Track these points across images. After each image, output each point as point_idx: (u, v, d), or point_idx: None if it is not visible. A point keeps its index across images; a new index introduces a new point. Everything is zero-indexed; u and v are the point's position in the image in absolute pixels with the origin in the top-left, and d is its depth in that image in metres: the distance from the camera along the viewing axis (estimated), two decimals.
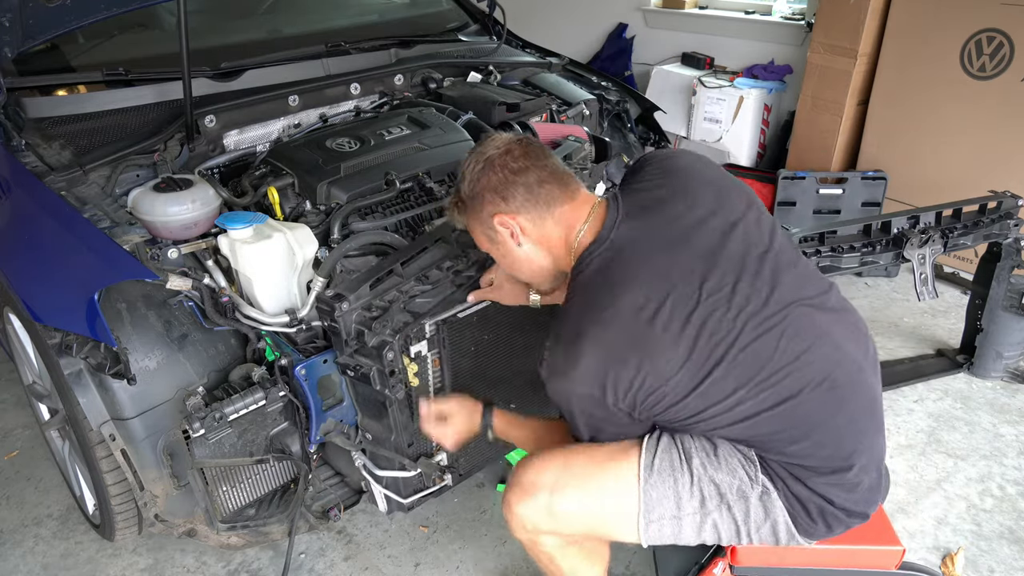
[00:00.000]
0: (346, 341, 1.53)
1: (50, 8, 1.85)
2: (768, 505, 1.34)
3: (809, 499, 1.33)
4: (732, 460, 1.34)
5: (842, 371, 1.30)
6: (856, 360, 1.33)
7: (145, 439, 1.62)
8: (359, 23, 2.77)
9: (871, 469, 1.35)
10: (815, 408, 1.28)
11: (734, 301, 1.26)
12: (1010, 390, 2.64)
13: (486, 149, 1.37)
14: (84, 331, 1.53)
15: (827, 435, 1.30)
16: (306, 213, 1.82)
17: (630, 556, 2.02)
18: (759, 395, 1.26)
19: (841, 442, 1.31)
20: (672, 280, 1.26)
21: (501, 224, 1.36)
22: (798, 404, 1.27)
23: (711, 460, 1.34)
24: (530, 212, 1.34)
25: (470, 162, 1.39)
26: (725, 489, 1.34)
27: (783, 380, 1.26)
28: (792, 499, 1.33)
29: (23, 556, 2.08)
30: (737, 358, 1.24)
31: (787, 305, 1.28)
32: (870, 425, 1.35)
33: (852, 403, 1.31)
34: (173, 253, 1.69)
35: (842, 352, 1.31)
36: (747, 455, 1.34)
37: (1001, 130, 3.12)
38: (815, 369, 1.27)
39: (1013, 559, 2.00)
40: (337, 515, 1.88)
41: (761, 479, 1.33)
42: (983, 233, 2.39)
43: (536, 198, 1.34)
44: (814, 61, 3.56)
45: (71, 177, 1.78)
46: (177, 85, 1.87)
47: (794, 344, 1.26)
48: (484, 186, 1.35)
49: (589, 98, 2.51)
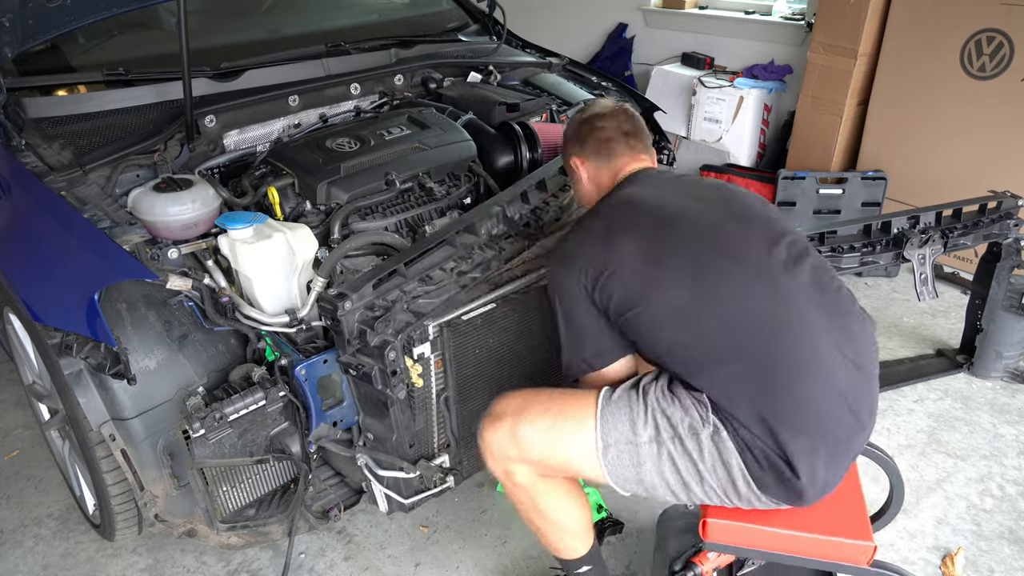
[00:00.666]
0: (348, 340, 1.53)
1: (50, 8, 1.85)
2: (720, 446, 1.38)
3: (754, 442, 1.36)
4: (685, 400, 1.41)
5: (780, 313, 1.40)
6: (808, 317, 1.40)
7: (145, 439, 1.62)
8: (359, 23, 2.77)
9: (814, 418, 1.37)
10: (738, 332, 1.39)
11: (722, 239, 1.45)
12: (1010, 390, 2.64)
13: (589, 107, 1.74)
14: (84, 331, 1.53)
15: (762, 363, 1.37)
16: (306, 213, 1.82)
17: (630, 556, 2.02)
18: (701, 301, 1.40)
19: (776, 370, 1.37)
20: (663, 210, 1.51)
21: (573, 164, 1.70)
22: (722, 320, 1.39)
23: (665, 396, 1.43)
24: (595, 161, 1.67)
25: (577, 112, 1.78)
26: (676, 422, 1.40)
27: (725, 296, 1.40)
28: (741, 443, 1.37)
29: (23, 556, 2.08)
30: (688, 263, 1.42)
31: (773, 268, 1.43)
32: (816, 377, 1.37)
33: (786, 342, 1.38)
34: (173, 253, 1.69)
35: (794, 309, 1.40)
36: (699, 398, 1.40)
37: (1001, 130, 3.12)
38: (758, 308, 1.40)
39: (1013, 559, 2.00)
40: (337, 515, 1.88)
41: (712, 419, 1.38)
42: (983, 233, 2.39)
43: (600, 151, 1.66)
44: (814, 61, 3.56)
45: (71, 177, 1.78)
46: (177, 85, 1.87)
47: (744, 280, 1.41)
48: (572, 132, 1.72)
49: (589, 98, 2.51)
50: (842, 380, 1.39)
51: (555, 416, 1.47)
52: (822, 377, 1.38)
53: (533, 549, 2.05)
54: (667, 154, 2.70)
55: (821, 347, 1.39)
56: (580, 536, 1.62)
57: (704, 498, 1.44)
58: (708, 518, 1.49)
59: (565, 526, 1.59)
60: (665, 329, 1.41)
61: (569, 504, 1.58)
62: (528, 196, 1.85)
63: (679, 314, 1.40)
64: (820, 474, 1.37)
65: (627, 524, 2.10)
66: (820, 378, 1.38)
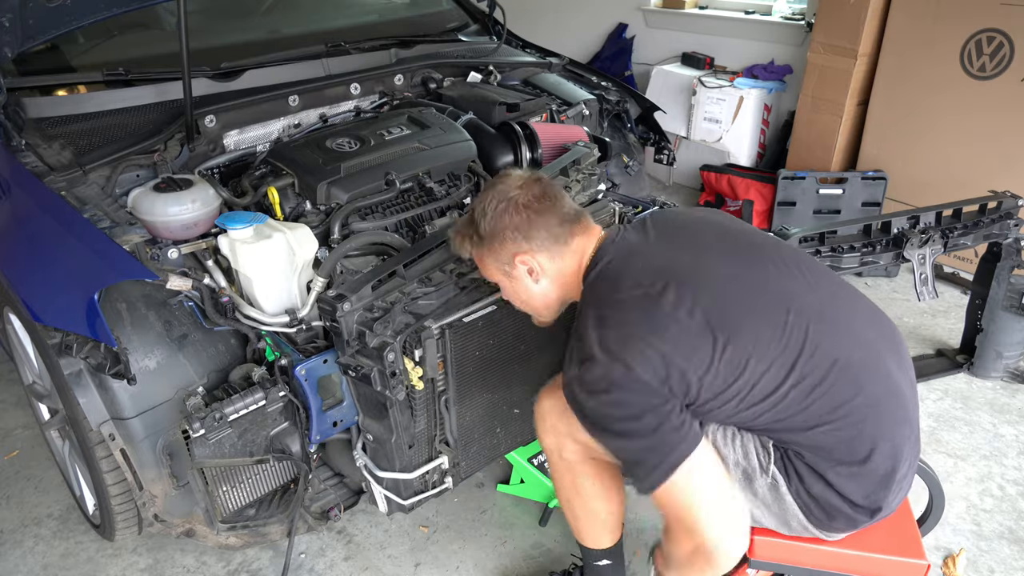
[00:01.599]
0: (347, 341, 1.53)
1: (50, 8, 1.85)
2: (776, 496, 1.35)
3: (823, 496, 1.32)
4: (748, 445, 1.35)
5: (856, 353, 1.30)
6: (872, 343, 1.33)
7: (145, 439, 1.62)
8: (359, 23, 2.77)
9: (890, 456, 1.32)
10: (831, 389, 1.27)
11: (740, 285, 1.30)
12: (1010, 390, 2.64)
13: (508, 188, 1.40)
14: (84, 331, 1.53)
15: (845, 418, 1.28)
16: (306, 213, 1.82)
17: (630, 556, 2.02)
18: (772, 372, 1.25)
19: (862, 425, 1.29)
20: (674, 269, 1.31)
21: (522, 263, 1.40)
22: (812, 385, 1.26)
23: (724, 437, 1.36)
24: (550, 250, 1.39)
25: (490, 200, 1.40)
26: (730, 464, 1.35)
27: (796, 359, 1.26)
28: (805, 495, 1.33)
29: (23, 556, 2.08)
30: (744, 334, 1.25)
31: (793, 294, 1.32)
32: (895, 410, 1.32)
33: (870, 385, 1.30)
34: (173, 253, 1.69)
35: (854, 335, 1.32)
36: (765, 444, 1.34)
37: (1001, 130, 3.12)
38: (824, 351, 1.28)
39: (1013, 559, 2.00)
40: (337, 515, 1.88)
41: (772, 471, 1.33)
42: (983, 233, 2.39)
43: (556, 237, 1.39)
44: (814, 61, 3.56)
45: (71, 177, 1.78)
46: (177, 85, 1.87)
47: (798, 326, 1.27)
48: (507, 225, 1.38)
49: (589, 98, 2.51)
50: (911, 404, 1.36)
51: None
52: (902, 411, 1.33)
53: (533, 549, 2.05)
54: (667, 154, 2.70)
55: (894, 378, 1.33)
56: (610, 528, 1.63)
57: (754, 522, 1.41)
58: (754, 535, 1.44)
59: (598, 514, 1.60)
60: (740, 403, 1.28)
61: (608, 494, 1.57)
62: None
63: (751, 381, 1.26)
64: (886, 510, 1.36)
65: (627, 524, 2.10)
66: (901, 413, 1.33)
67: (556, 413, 1.47)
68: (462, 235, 1.47)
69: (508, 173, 1.45)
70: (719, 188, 3.85)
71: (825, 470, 1.31)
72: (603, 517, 1.61)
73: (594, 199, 1.99)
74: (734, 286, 1.30)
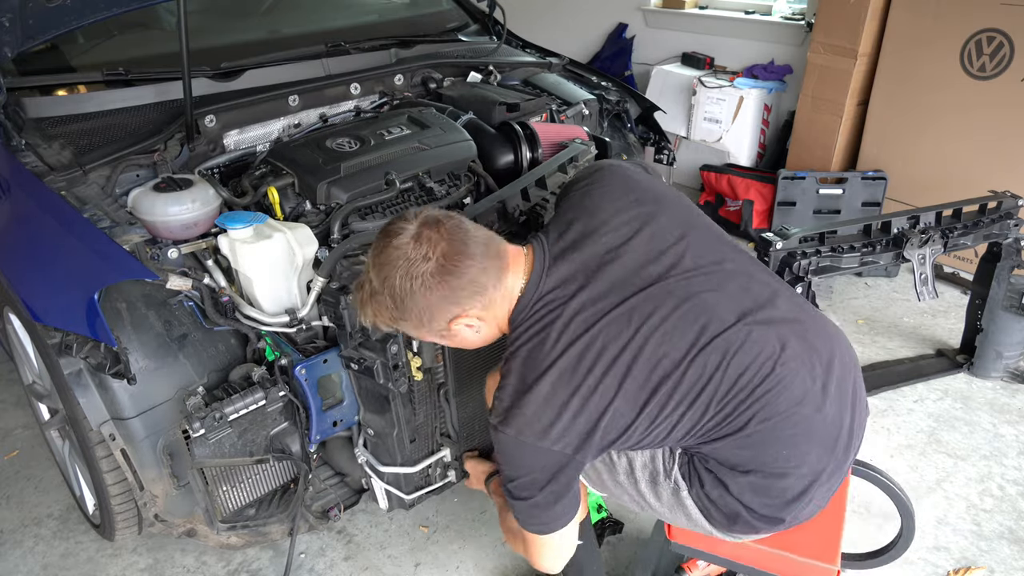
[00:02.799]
0: (351, 334, 1.53)
1: (50, 8, 1.85)
2: (679, 500, 1.37)
3: (722, 501, 1.32)
4: (656, 449, 1.36)
5: (786, 396, 1.25)
6: (805, 383, 1.27)
7: (145, 439, 1.62)
8: (359, 23, 2.77)
9: (806, 477, 1.30)
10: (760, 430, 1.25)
11: (664, 332, 1.23)
12: (1010, 390, 2.64)
13: (409, 257, 1.23)
14: (84, 331, 1.53)
15: (764, 447, 1.27)
16: (306, 213, 1.82)
17: (630, 556, 2.02)
18: (699, 414, 1.24)
19: (776, 453, 1.27)
20: (600, 326, 1.24)
21: (456, 327, 1.30)
22: (741, 424, 1.25)
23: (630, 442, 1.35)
24: (481, 301, 1.28)
25: (397, 279, 1.23)
26: (637, 466, 1.38)
27: (725, 404, 1.24)
28: (705, 499, 1.34)
29: (23, 556, 2.08)
30: (677, 386, 1.23)
31: (725, 328, 1.24)
32: (819, 434, 1.29)
33: (795, 428, 1.26)
34: (173, 253, 1.69)
35: (789, 373, 1.25)
36: (673, 449, 1.35)
37: (1001, 130, 3.12)
38: (761, 399, 1.24)
39: (1013, 559, 2.00)
40: (337, 515, 1.88)
41: (675, 475, 1.35)
42: (983, 233, 2.39)
43: (483, 288, 1.26)
44: (814, 61, 3.56)
45: (71, 177, 1.78)
46: (177, 85, 1.87)
47: (732, 369, 1.23)
48: (428, 303, 1.25)
49: (589, 98, 2.51)
50: (834, 415, 1.30)
51: None
52: (821, 428, 1.29)
53: None
54: (667, 154, 2.70)
55: (811, 390, 1.27)
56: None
57: (665, 520, 1.45)
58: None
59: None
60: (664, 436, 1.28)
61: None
62: (528, 193, 1.85)
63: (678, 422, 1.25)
64: (791, 523, 1.36)
65: (627, 524, 2.10)
66: (819, 431, 1.29)
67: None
68: (375, 311, 1.30)
69: (395, 230, 1.25)
70: (719, 188, 3.85)
71: (729, 480, 1.30)
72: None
73: None
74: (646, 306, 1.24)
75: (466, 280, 1.24)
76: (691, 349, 1.23)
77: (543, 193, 1.86)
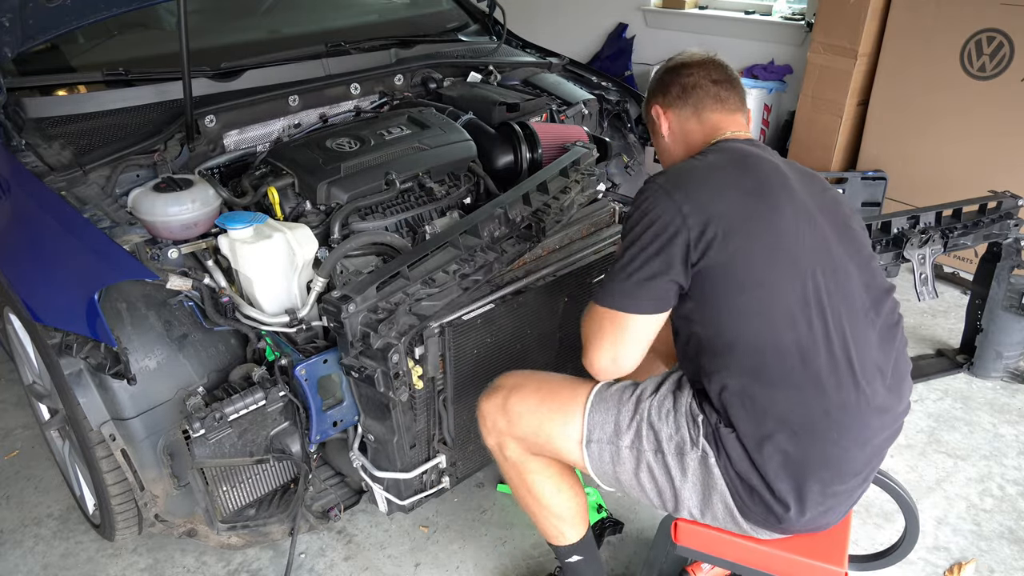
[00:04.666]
0: (351, 343, 1.53)
1: (50, 8, 1.85)
2: (705, 469, 1.36)
3: (747, 474, 1.33)
4: (680, 418, 1.38)
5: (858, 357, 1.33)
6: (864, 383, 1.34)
7: (145, 439, 1.62)
8: (359, 23, 2.77)
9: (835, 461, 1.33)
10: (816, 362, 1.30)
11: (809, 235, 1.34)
12: (1010, 390, 2.64)
13: (676, 56, 1.61)
14: (84, 331, 1.53)
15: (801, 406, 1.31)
16: (306, 213, 1.82)
17: (630, 556, 2.02)
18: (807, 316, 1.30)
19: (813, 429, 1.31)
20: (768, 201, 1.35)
21: (654, 113, 1.59)
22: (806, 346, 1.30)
23: (659, 411, 1.41)
24: (679, 109, 1.55)
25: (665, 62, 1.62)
26: (663, 438, 1.39)
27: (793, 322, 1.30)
28: (732, 472, 1.34)
29: (23, 556, 2.08)
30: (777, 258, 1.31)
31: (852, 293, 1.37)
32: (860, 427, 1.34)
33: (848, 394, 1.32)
34: (173, 253, 1.69)
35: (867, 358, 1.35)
36: (695, 417, 1.37)
37: (1001, 130, 3.12)
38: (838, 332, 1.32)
39: (1013, 559, 2.00)
40: (337, 515, 1.88)
41: (702, 443, 1.36)
42: (983, 233, 2.39)
43: (685, 98, 1.53)
44: (814, 61, 3.56)
45: (71, 177, 1.78)
46: (177, 85, 1.87)
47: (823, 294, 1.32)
48: (655, 80, 1.60)
49: (589, 98, 2.51)
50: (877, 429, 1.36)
51: (545, 396, 1.49)
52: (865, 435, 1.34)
53: (533, 549, 2.05)
54: None
55: (874, 402, 1.34)
56: (570, 523, 1.62)
57: (679, 513, 1.44)
58: (680, 520, 1.47)
59: (554, 510, 1.59)
60: (753, 317, 1.31)
61: (559, 487, 1.58)
62: (530, 198, 1.85)
63: (779, 309, 1.30)
64: (821, 520, 1.37)
65: (627, 524, 2.10)
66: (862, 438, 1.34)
67: (492, 413, 1.52)
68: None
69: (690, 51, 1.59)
70: None
71: (755, 445, 1.32)
72: (560, 513, 1.60)
73: (594, 199, 1.99)
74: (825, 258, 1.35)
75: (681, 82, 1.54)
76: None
77: (544, 198, 1.87)
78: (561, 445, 1.47)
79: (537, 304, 1.80)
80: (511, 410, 1.49)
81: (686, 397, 1.41)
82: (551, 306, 1.84)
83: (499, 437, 1.53)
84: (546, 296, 1.81)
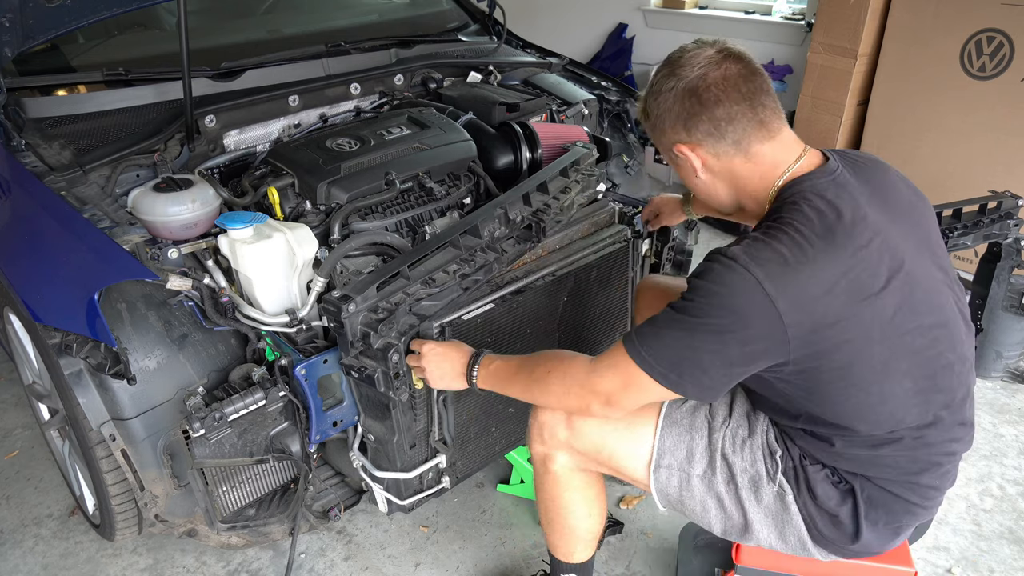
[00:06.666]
0: (351, 343, 1.53)
1: (50, 8, 1.85)
2: (782, 506, 1.32)
3: (837, 510, 1.29)
4: (756, 452, 1.33)
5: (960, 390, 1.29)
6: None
7: (145, 439, 1.62)
8: (359, 23, 2.77)
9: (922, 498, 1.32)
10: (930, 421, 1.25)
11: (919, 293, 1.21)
12: (1010, 390, 2.64)
13: (683, 68, 1.21)
14: (84, 331, 1.53)
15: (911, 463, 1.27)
16: (306, 213, 1.82)
17: (630, 556, 2.02)
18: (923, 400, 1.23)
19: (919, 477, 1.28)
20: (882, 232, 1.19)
21: (680, 153, 1.27)
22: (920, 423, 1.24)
23: (733, 442, 1.34)
24: (715, 147, 1.22)
25: (662, 77, 1.24)
26: (738, 471, 1.33)
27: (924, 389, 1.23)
28: (812, 507, 1.30)
29: (23, 556, 2.08)
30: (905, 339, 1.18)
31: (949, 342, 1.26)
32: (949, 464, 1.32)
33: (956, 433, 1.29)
34: (173, 253, 1.69)
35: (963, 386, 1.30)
36: (773, 453, 1.32)
37: (1001, 130, 3.12)
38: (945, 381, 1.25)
39: (1013, 559, 2.00)
40: (337, 515, 1.88)
41: (779, 479, 1.31)
42: (983, 233, 2.38)
43: (722, 134, 1.21)
44: (814, 61, 3.56)
45: (71, 177, 1.78)
46: (177, 85, 1.87)
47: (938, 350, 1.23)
48: (667, 110, 1.23)
49: (589, 98, 2.51)
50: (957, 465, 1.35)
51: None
52: (952, 471, 1.33)
53: (533, 549, 2.05)
54: None
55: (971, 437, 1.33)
56: (585, 545, 1.61)
57: (747, 542, 1.39)
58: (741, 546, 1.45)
59: (577, 531, 1.58)
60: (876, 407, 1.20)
61: (590, 511, 1.55)
62: (530, 198, 1.85)
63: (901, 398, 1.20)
64: (893, 545, 1.35)
65: (627, 524, 2.10)
66: (954, 474, 1.33)
67: (557, 422, 1.43)
68: (640, 109, 1.32)
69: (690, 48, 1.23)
70: None
71: (848, 486, 1.28)
72: (581, 534, 1.58)
73: (594, 199, 1.99)
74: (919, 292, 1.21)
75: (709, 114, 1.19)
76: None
77: (544, 198, 1.87)
78: (626, 464, 1.42)
79: (537, 304, 1.80)
80: (576, 423, 1.41)
81: (762, 425, 1.34)
82: (551, 306, 1.84)
83: (552, 449, 1.45)
84: (546, 296, 1.81)
